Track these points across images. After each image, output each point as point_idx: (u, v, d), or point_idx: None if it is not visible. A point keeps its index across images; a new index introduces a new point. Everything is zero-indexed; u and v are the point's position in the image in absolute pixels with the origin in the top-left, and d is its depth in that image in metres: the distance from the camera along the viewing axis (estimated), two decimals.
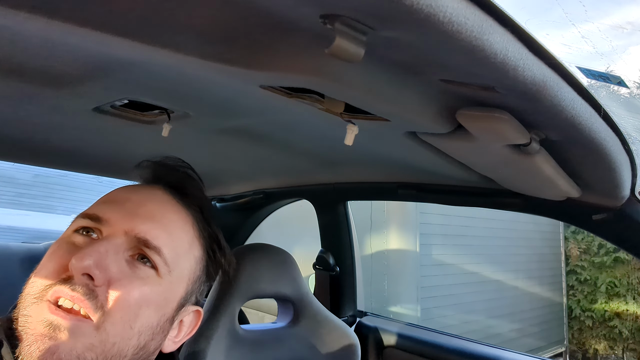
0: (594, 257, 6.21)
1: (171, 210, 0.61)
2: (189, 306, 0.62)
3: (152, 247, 0.56)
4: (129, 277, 0.54)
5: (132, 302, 0.53)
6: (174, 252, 0.58)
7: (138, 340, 0.54)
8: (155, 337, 0.57)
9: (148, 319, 0.55)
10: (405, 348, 1.35)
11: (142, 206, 0.59)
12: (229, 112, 0.81)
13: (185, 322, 0.63)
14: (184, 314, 0.62)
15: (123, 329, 0.52)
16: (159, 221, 0.58)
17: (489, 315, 5.12)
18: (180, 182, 0.65)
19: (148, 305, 0.55)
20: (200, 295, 0.65)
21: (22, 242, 1.64)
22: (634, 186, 0.79)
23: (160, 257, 0.56)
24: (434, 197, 1.14)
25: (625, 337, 5.87)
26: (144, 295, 0.54)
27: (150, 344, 0.56)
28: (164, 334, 0.59)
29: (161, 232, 0.57)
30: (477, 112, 0.57)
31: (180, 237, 0.60)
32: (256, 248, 1.08)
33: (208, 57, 0.52)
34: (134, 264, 0.55)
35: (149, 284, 0.55)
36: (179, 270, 0.59)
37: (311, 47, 0.48)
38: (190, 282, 0.61)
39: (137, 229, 0.56)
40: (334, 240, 1.55)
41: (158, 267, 0.56)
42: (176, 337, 0.63)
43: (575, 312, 6.30)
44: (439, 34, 0.37)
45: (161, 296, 0.56)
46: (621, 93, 0.65)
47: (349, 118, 0.66)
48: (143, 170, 0.66)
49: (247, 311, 1.90)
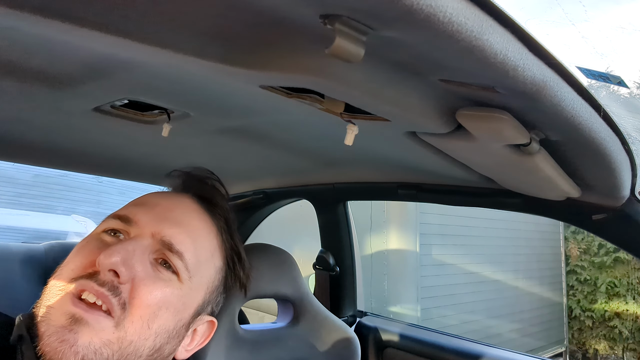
0: (594, 257, 6.21)
1: (197, 218, 0.63)
2: (204, 316, 0.64)
3: (175, 251, 0.58)
4: (152, 277, 0.55)
5: (152, 302, 0.54)
6: (196, 259, 0.60)
7: (154, 342, 0.55)
8: (171, 341, 0.58)
9: (166, 321, 0.56)
10: (405, 348, 1.35)
11: (170, 211, 0.61)
12: (229, 112, 0.81)
13: (199, 332, 0.64)
14: (199, 323, 0.63)
15: (141, 328, 0.53)
16: (185, 227, 0.60)
17: (489, 315, 5.12)
18: (209, 193, 0.68)
19: (167, 307, 0.56)
20: (216, 306, 0.66)
21: (22, 242, 1.64)
22: (634, 186, 0.79)
23: (182, 262, 0.58)
24: (434, 197, 1.14)
25: (625, 337, 5.87)
26: (165, 297, 0.56)
27: (165, 347, 0.57)
28: (179, 339, 0.60)
29: (186, 238, 0.59)
30: (477, 112, 0.57)
31: (204, 245, 0.62)
32: (256, 248, 1.08)
33: (208, 57, 0.52)
34: (157, 267, 0.57)
35: (170, 286, 0.57)
36: (199, 277, 0.60)
37: (311, 47, 0.48)
38: (209, 292, 0.63)
39: (164, 232, 0.58)
40: (334, 240, 1.55)
41: (179, 272, 0.58)
42: (189, 346, 0.64)
43: (575, 312, 6.30)
44: (439, 34, 0.37)
45: (180, 300, 0.58)
46: (621, 93, 0.65)
47: (349, 118, 0.66)
48: (173, 179, 0.70)
49: (247, 311, 1.90)
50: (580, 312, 6.27)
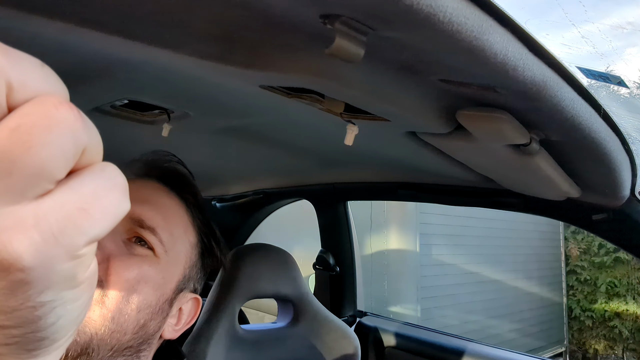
0: (594, 257, 6.21)
1: (165, 197, 0.63)
2: (187, 293, 0.63)
3: (147, 227, 0.57)
4: (126, 254, 0.55)
5: (130, 276, 0.54)
6: (169, 234, 0.59)
7: (137, 317, 0.55)
8: (155, 318, 0.57)
9: (146, 296, 0.56)
10: (405, 348, 1.35)
11: (137, 192, 0.60)
12: (229, 112, 0.81)
13: (184, 311, 0.64)
14: (183, 301, 0.63)
15: (121, 303, 0.53)
16: (154, 204, 0.60)
17: (489, 315, 5.12)
18: (171, 173, 0.67)
19: (146, 282, 0.56)
20: (198, 283, 0.66)
21: None
22: (634, 186, 0.79)
23: (155, 237, 0.58)
24: (434, 197, 1.14)
25: (625, 337, 5.87)
26: (142, 271, 0.55)
27: (149, 324, 0.57)
28: (163, 315, 0.59)
29: (156, 214, 0.59)
30: (477, 112, 0.57)
31: (175, 220, 0.62)
32: (256, 248, 1.08)
33: (208, 57, 0.52)
34: (130, 245, 0.56)
35: (147, 262, 0.56)
36: (175, 252, 0.60)
37: (311, 47, 0.48)
38: (187, 267, 0.62)
39: (132, 210, 0.57)
40: (334, 240, 1.55)
41: (154, 247, 0.57)
42: (176, 325, 0.63)
43: (575, 312, 6.30)
44: (439, 34, 0.37)
45: (159, 275, 0.57)
46: (621, 93, 0.65)
47: (349, 118, 0.66)
48: (135, 168, 0.68)
49: (247, 311, 1.90)
50: (580, 312, 6.27)
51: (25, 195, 0.17)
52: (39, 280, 0.18)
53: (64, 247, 0.17)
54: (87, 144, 0.18)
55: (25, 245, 0.17)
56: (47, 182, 0.17)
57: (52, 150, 0.16)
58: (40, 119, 0.16)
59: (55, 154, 0.16)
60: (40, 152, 0.16)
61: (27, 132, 0.16)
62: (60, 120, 0.16)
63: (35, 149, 0.16)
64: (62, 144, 0.16)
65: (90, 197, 0.18)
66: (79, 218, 0.17)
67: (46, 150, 0.16)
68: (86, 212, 0.18)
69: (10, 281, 0.17)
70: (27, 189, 0.16)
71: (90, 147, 0.18)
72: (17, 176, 0.16)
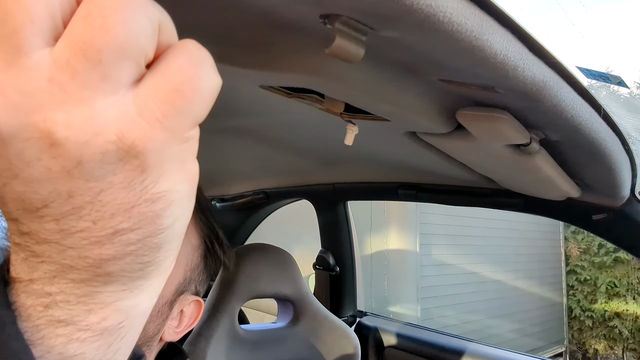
0: (594, 257, 6.21)
1: None
2: (188, 295, 0.63)
3: None
4: None
5: None
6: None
7: None
8: (154, 320, 0.57)
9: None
10: (405, 348, 1.35)
11: None
12: (229, 112, 0.81)
13: (186, 313, 0.63)
14: (185, 303, 0.62)
15: None
16: None
17: (489, 315, 5.12)
18: None
19: None
20: (200, 285, 0.65)
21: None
22: (634, 186, 0.79)
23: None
24: (434, 197, 1.14)
25: (625, 337, 5.87)
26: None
27: (148, 327, 0.56)
28: (163, 318, 0.59)
29: None
30: (477, 112, 0.57)
31: None
32: (256, 248, 1.08)
33: None
34: None
35: None
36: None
37: (311, 47, 0.48)
38: (189, 269, 0.62)
39: None
40: (334, 240, 1.55)
41: None
42: (177, 327, 0.63)
43: (575, 312, 6.31)
44: (438, 34, 0.37)
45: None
46: (621, 93, 0.65)
47: (349, 118, 0.66)
48: None
49: (247, 311, 1.90)
50: (580, 312, 6.27)
51: (121, 82, 0.17)
52: (153, 166, 0.18)
53: (170, 130, 0.18)
54: (161, 18, 0.18)
55: (135, 133, 0.17)
56: (137, 65, 0.17)
57: (130, 27, 0.16)
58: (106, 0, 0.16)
59: (133, 30, 0.16)
60: (119, 32, 0.16)
61: (99, 15, 0.16)
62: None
63: (113, 29, 0.16)
64: (136, 20, 0.16)
65: (179, 77, 0.18)
66: (176, 99, 0.17)
67: (124, 28, 0.16)
68: (180, 92, 0.18)
69: (127, 171, 0.18)
70: (120, 74, 0.17)
71: (164, 23, 0.18)
72: (107, 62, 0.16)
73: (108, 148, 0.17)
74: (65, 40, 0.16)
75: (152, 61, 0.18)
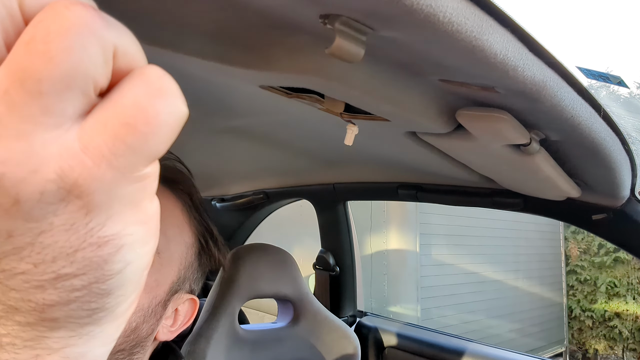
0: (594, 257, 6.21)
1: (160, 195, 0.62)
2: (183, 294, 0.62)
3: None
4: None
5: None
6: (162, 235, 0.57)
7: (128, 320, 0.54)
8: (147, 320, 0.56)
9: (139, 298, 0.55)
10: (405, 348, 1.35)
11: None
12: (229, 112, 0.81)
13: (180, 311, 0.63)
14: (179, 302, 0.62)
15: None
16: None
17: (489, 315, 5.12)
18: (168, 172, 0.65)
19: None
20: (194, 283, 0.65)
21: None
22: (634, 186, 0.79)
23: None
24: (434, 197, 1.14)
25: (625, 337, 5.88)
26: None
27: (141, 327, 0.56)
28: (157, 318, 0.58)
29: None
30: (477, 112, 0.57)
31: (169, 220, 0.60)
32: (256, 248, 1.08)
33: (208, 57, 0.52)
34: None
35: None
36: (169, 253, 0.59)
37: (311, 47, 0.48)
38: (183, 268, 0.61)
39: None
40: (334, 240, 1.55)
41: None
42: (172, 327, 0.62)
43: (575, 312, 6.31)
44: (438, 34, 0.37)
45: (151, 277, 0.56)
46: (621, 93, 0.65)
47: (349, 118, 0.66)
48: None
49: (247, 311, 1.90)
50: (580, 312, 6.27)
51: (65, 116, 0.15)
52: (99, 208, 0.16)
53: (119, 168, 0.16)
54: (117, 43, 0.16)
55: (78, 171, 0.15)
56: (84, 96, 0.15)
57: (76, 55, 0.14)
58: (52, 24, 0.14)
59: (80, 59, 0.15)
60: (63, 60, 0.14)
61: (42, 42, 0.14)
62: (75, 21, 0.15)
63: (57, 58, 0.14)
64: (84, 46, 0.15)
65: (131, 109, 0.16)
66: (127, 135, 0.15)
67: (69, 56, 0.14)
68: (132, 126, 0.16)
69: (70, 212, 0.16)
70: (64, 107, 0.15)
71: (122, 47, 0.16)
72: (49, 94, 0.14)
73: (47, 187, 0.15)
74: (5, 68, 0.15)
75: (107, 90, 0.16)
